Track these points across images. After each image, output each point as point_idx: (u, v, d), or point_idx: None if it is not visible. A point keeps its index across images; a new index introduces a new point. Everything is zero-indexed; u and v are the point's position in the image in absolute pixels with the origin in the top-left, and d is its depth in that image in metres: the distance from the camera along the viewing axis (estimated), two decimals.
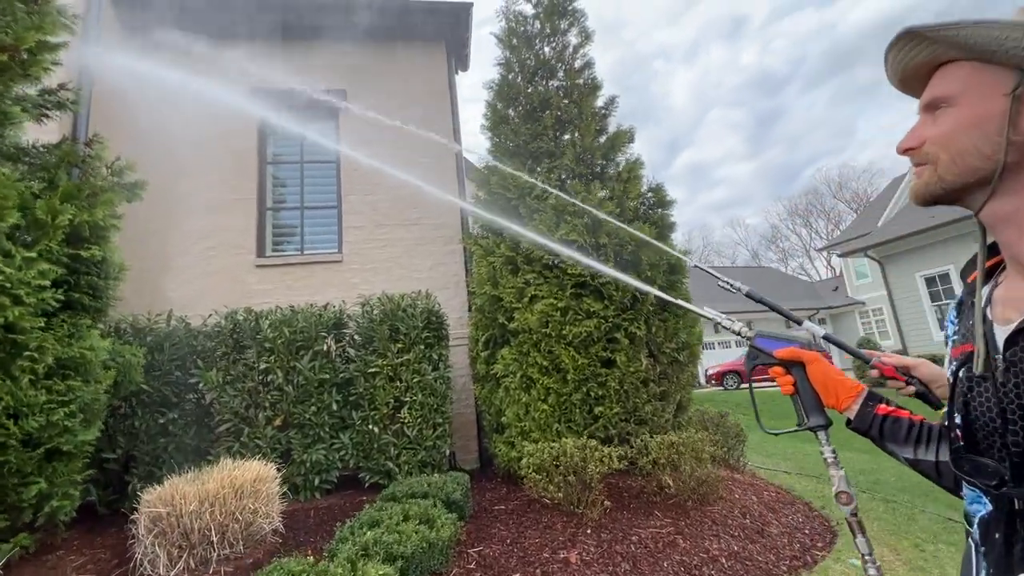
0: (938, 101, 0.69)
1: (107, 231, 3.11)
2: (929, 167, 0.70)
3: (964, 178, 0.67)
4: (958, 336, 0.81)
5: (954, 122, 0.67)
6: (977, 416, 0.71)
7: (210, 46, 6.18)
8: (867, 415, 0.95)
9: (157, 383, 4.17)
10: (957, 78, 0.67)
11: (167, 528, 2.78)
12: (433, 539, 2.68)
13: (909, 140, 0.73)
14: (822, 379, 0.99)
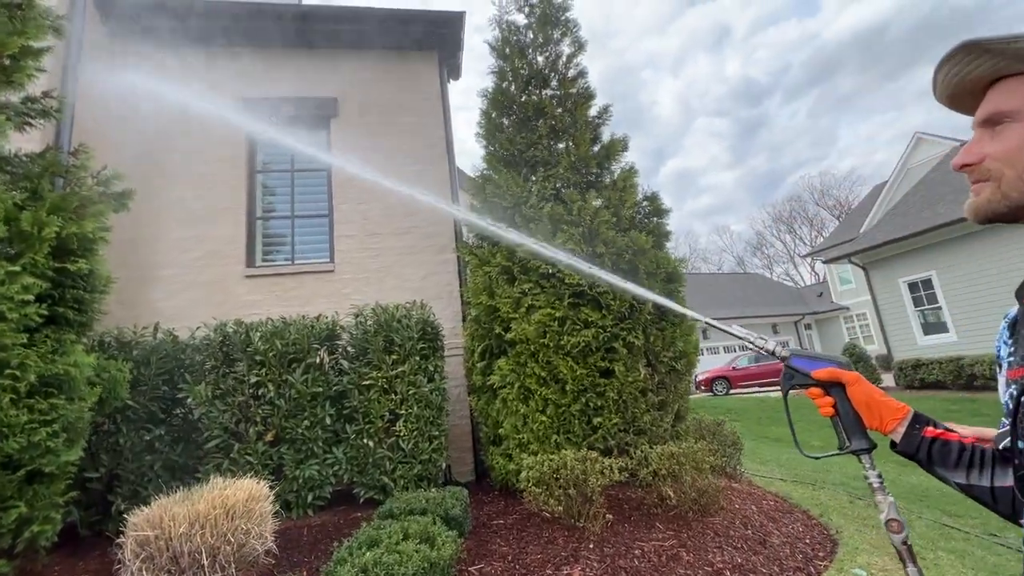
0: (1000, 116, 0.67)
1: (95, 243, 3.00)
2: (991, 184, 0.68)
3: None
4: (1015, 358, 0.78)
5: (1020, 138, 0.65)
6: None
7: (198, 53, 6.10)
8: (914, 438, 0.92)
9: (143, 398, 4.04)
10: (1021, 93, 0.65)
11: (155, 552, 2.67)
12: (435, 559, 2.60)
13: (967, 156, 0.71)
14: (865, 400, 0.96)
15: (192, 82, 5.96)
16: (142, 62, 5.91)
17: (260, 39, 6.23)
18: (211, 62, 6.14)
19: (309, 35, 6.33)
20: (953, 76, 0.71)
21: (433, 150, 6.48)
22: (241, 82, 6.16)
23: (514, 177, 4.85)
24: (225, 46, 6.18)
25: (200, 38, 6.07)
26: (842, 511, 4.53)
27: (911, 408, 0.95)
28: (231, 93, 6.07)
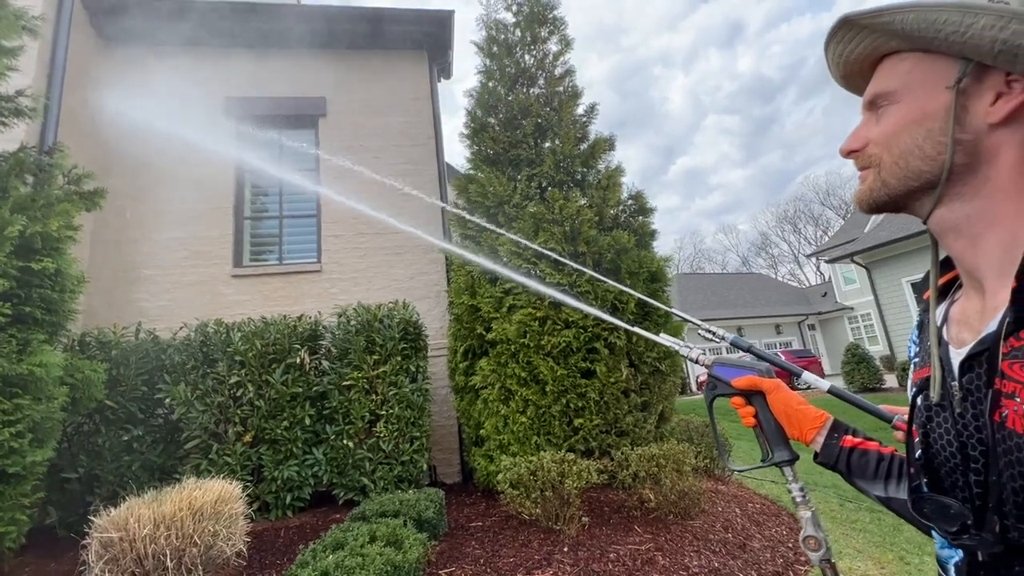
0: (880, 98, 0.62)
1: (62, 243, 2.99)
2: (873, 170, 0.63)
3: (909, 182, 0.60)
4: (918, 359, 0.73)
5: (896, 120, 0.60)
6: (937, 450, 0.63)
7: (186, 53, 6.10)
8: (832, 448, 0.86)
9: (123, 399, 4.03)
10: (899, 72, 0.60)
11: (119, 554, 2.64)
12: (399, 562, 2.56)
13: (851, 142, 0.66)
14: (783, 409, 0.89)
15: (179, 82, 5.95)
16: (130, 64, 5.92)
17: (247, 38, 6.22)
18: (198, 61, 6.15)
19: (297, 34, 6.31)
20: (839, 56, 0.66)
21: (422, 149, 6.45)
22: (228, 81, 6.16)
23: (498, 176, 4.81)
24: (213, 45, 6.19)
25: (188, 37, 6.07)
26: (830, 515, 4.45)
27: (830, 416, 0.89)
28: (218, 92, 6.07)
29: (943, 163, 0.56)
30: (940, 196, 0.58)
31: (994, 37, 0.50)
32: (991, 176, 0.55)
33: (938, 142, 0.56)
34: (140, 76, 5.91)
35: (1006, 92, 0.53)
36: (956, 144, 0.55)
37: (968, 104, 0.55)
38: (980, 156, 0.55)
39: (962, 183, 0.56)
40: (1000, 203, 0.55)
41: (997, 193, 0.55)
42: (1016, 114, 0.53)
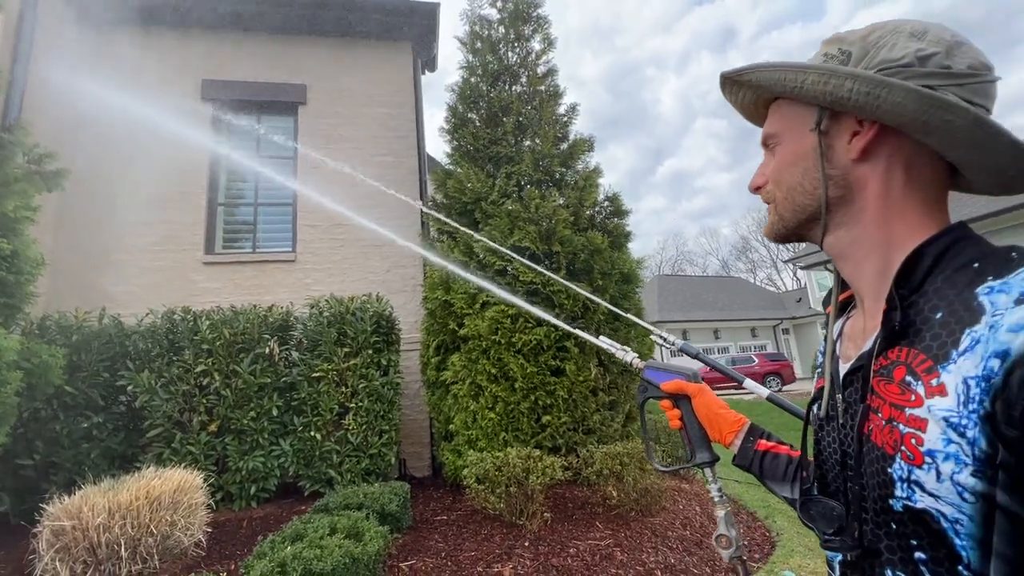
0: (768, 139, 0.68)
1: (19, 223, 2.91)
2: (772, 206, 0.68)
3: (798, 215, 0.64)
4: (820, 370, 0.78)
5: (781, 159, 0.65)
6: (826, 457, 0.67)
7: (162, 32, 5.96)
8: (747, 451, 0.91)
9: (83, 385, 3.94)
10: (779, 115, 0.66)
11: (71, 543, 2.60)
12: (358, 554, 2.57)
13: (755, 179, 0.71)
14: (705, 412, 0.94)
15: (153, 61, 5.81)
16: (103, 42, 5.75)
17: (227, 19, 6.09)
18: (174, 41, 6.00)
19: (279, 17, 6.20)
20: (735, 103, 0.73)
21: (403, 141, 6.41)
22: (205, 63, 6.03)
23: (477, 173, 4.82)
24: (190, 25, 6.04)
25: (164, 16, 5.93)
26: (788, 514, 4.58)
27: (748, 420, 0.94)
28: (194, 73, 5.94)
29: (819, 196, 0.61)
30: (826, 226, 0.62)
31: (822, 90, 0.56)
32: (864, 207, 0.59)
33: (813, 178, 0.61)
34: (113, 53, 5.74)
35: (860, 131, 0.58)
36: (827, 179, 0.60)
37: (832, 143, 0.60)
38: (852, 189, 0.59)
39: (841, 213, 0.61)
40: (873, 231, 0.59)
41: (870, 222, 0.59)
42: (872, 149, 0.57)
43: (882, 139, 0.57)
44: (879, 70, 0.54)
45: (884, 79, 0.53)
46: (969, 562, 0.44)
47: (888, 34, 0.56)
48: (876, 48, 0.56)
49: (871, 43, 0.57)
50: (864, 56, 0.56)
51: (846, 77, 0.54)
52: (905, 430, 0.50)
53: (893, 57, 0.54)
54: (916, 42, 0.55)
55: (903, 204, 0.58)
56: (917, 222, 0.57)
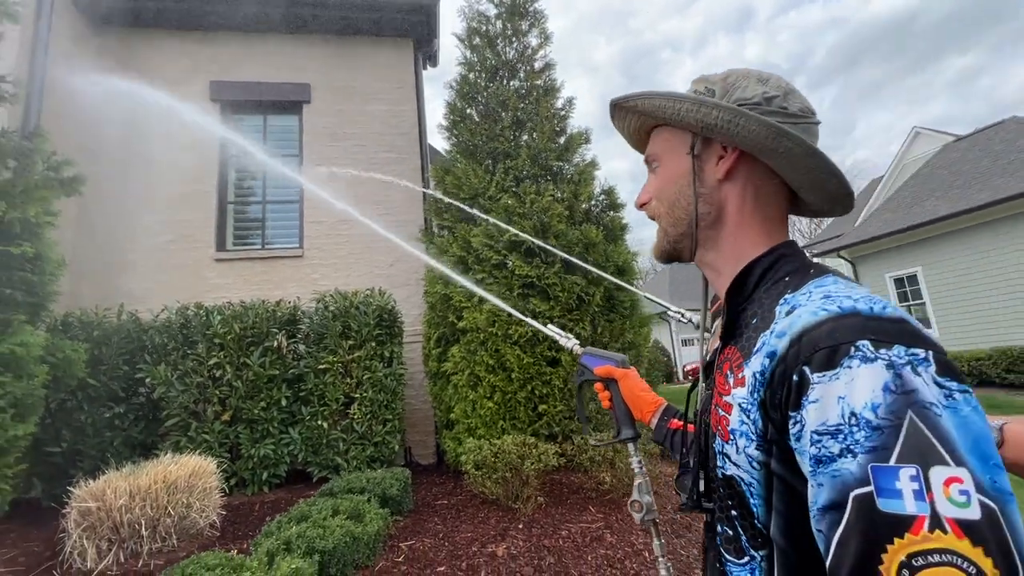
0: (651, 159, 0.77)
1: (41, 228, 3.11)
2: (657, 222, 0.77)
3: (678, 228, 0.73)
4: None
5: (662, 178, 0.74)
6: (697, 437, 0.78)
7: (171, 35, 6.13)
8: (661, 429, 1.03)
9: (105, 377, 4.18)
10: (660, 139, 0.75)
11: (96, 522, 2.83)
12: (358, 533, 2.75)
13: (641, 195, 0.79)
14: (629, 394, 1.06)
15: (163, 64, 6.00)
16: (116, 46, 5.95)
17: (233, 21, 6.24)
18: (183, 44, 6.18)
19: (283, 18, 6.34)
20: (622, 130, 0.82)
21: (406, 138, 6.53)
22: (213, 65, 6.20)
23: (475, 169, 4.93)
24: (198, 28, 6.21)
25: (173, 20, 6.10)
26: None
27: (664, 401, 1.06)
28: (202, 75, 6.12)
29: (692, 213, 0.70)
30: (697, 240, 0.71)
31: (695, 118, 0.66)
32: (726, 222, 0.69)
33: (688, 195, 0.70)
34: (125, 58, 5.94)
35: (724, 155, 0.68)
36: (698, 196, 0.69)
37: (704, 165, 0.69)
38: (718, 206, 0.69)
39: (709, 228, 0.70)
40: (731, 245, 0.69)
41: (729, 237, 0.69)
42: (733, 171, 0.68)
43: (741, 163, 0.67)
44: (737, 105, 0.64)
45: (742, 110, 0.63)
46: (758, 516, 0.56)
47: (741, 78, 0.67)
48: (733, 88, 0.66)
49: (729, 84, 0.67)
50: (725, 94, 0.67)
51: (713, 107, 0.64)
52: (721, 413, 0.61)
53: (746, 96, 0.65)
54: (762, 86, 0.66)
55: (751, 221, 0.68)
56: (758, 238, 0.67)
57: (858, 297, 0.52)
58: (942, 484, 0.40)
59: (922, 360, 0.45)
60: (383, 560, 2.93)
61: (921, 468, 0.41)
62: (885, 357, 0.45)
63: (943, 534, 0.39)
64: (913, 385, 0.44)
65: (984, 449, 0.42)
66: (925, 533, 0.40)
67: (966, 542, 0.39)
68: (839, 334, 0.48)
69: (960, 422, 0.43)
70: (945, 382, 0.44)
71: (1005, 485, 0.42)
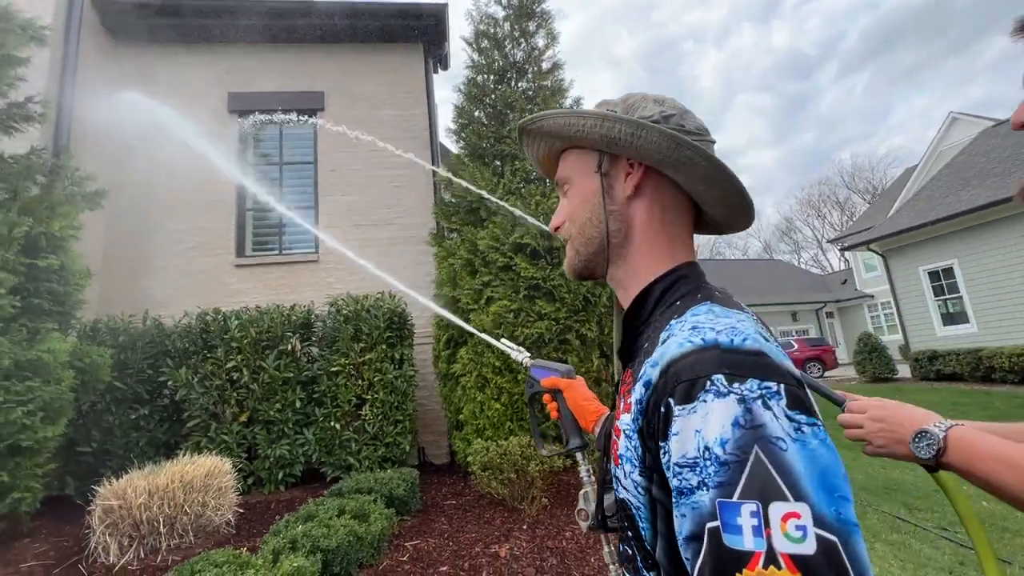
0: (562, 182, 0.77)
1: (65, 241, 3.29)
2: (569, 243, 0.76)
3: (590, 247, 0.72)
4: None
5: (573, 200, 0.74)
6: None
7: (190, 51, 6.36)
8: (602, 437, 1.05)
9: (130, 380, 4.38)
10: (569, 163, 0.75)
11: (118, 519, 2.98)
12: (362, 533, 2.83)
13: (554, 220, 0.79)
14: (574, 404, 1.07)
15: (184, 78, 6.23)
16: (139, 62, 6.21)
17: (249, 34, 6.44)
18: (202, 58, 6.40)
19: (296, 29, 6.50)
20: (532, 157, 0.82)
21: (416, 141, 6.61)
22: (231, 77, 6.41)
23: (482, 171, 4.97)
24: (216, 42, 6.43)
25: (192, 35, 6.33)
26: None
27: (607, 410, 1.06)
28: (221, 87, 6.33)
29: (603, 230, 0.70)
30: (608, 257, 0.71)
31: (600, 133, 0.67)
32: (634, 239, 0.69)
33: (599, 214, 0.70)
34: (148, 73, 6.20)
35: (631, 172, 0.68)
36: (609, 213, 0.69)
37: (612, 183, 0.70)
38: (628, 223, 0.69)
39: (619, 246, 0.70)
40: (637, 261, 0.69)
41: (636, 253, 0.69)
42: (641, 187, 0.68)
43: (648, 179, 0.68)
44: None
45: (643, 123, 0.64)
46: (647, 539, 0.57)
47: (639, 100, 0.69)
48: (633, 108, 0.68)
49: (629, 105, 0.69)
50: (626, 113, 0.68)
51: (616, 121, 0.65)
52: (614, 437, 0.62)
53: (646, 115, 0.66)
54: (659, 106, 0.67)
55: (657, 237, 0.68)
56: (663, 255, 0.68)
57: (721, 329, 0.52)
58: (780, 520, 0.41)
59: (774, 393, 0.46)
60: (387, 559, 3.00)
61: (761, 504, 0.42)
62: (737, 391, 0.46)
63: (777, 569, 0.40)
64: (762, 420, 0.45)
65: (830, 482, 0.43)
66: (760, 569, 0.41)
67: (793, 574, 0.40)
68: (698, 367, 0.49)
69: (808, 455, 0.44)
70: (795, 415, 0.45)
71: (850, 517, 0.43)
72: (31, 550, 3.14)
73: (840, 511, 0.42)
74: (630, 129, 0.64)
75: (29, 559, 3.01)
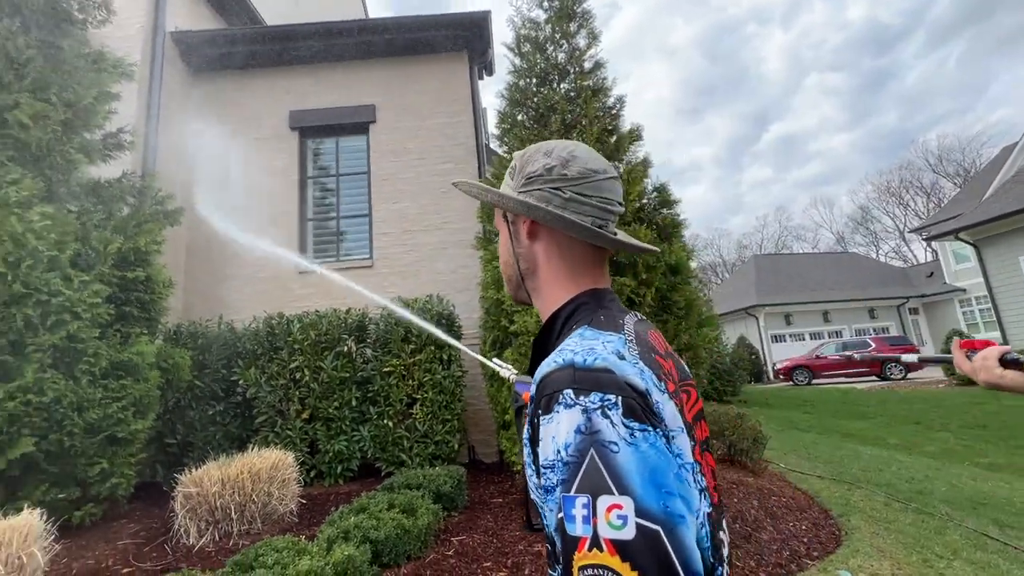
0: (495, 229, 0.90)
1: (150, 255, 3.69)
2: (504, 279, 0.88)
3: (511, 283, 0.85)
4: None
5: (500, 244, 0.86)
6: None
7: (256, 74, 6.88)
8: None
9: (208, 379, 4.82)
10: (495, 213, 0.87)
11: (196, 505, 3.30)
12: (409, 526, 2.97)
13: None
14: None
15: (251, 100, 6.76)
16: (212, 88, 6.80)
17: (307, 55, 6.87)
18: (266, 80, 6.91)
19: (348, 48, 6.87)
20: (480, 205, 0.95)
21: (463, 148, 6.79)
22: (290, 97, 6.87)
23: None
24: (278, 65, 6.92)
25: (257, 61, 6.85)
26: (868, 513, 4.29)
27: None
28: (283, 106, 6.81)
29: (515, 268, 0.81)
30: (527, 291, 0.82)
31: (488, 200, 0.81)
32: (540, 274, 0.79)
33: (511, 255, 0.82)
34: (219, 98, 6.78)
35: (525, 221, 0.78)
36: (517, 255, 0.80)
37: (518, 231, 0.80)
38: (533, 261, 0.79)
39: (531, 280, 0.80)
40: (547, 292, 0.78)
41: (544, 286, 0.78)
42: (535, 232, 0.77)
43: (538, 226, 0.77)
44: (527, 178, 0.76)
45: (501, 194, 0.77)
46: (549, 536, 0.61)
47: (533, 152, 0.79)
48: (526, 163, 0.78)
49: (526, 159, 0.79)
50: (521, 169, 0.78)
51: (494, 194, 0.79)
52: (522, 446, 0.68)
53: (534, 170, 0.76)
54: (545, 158, 0.76)
55: (558, 271, 0.77)
56: (567, 284, 0.76)
57: (579, 351, 0.59)
58: (604, 510, 0.48)
59: (613, 404, 0.53)
60: (434, 553, 3.13)
61: (591, 497, 0.49)
62: (582, 403, 0.54)
63: (599, 552, 0.47)
64: (598, 427, 0.52)
65: (659, 480, 0.50)
66: (586, 552, 0.48)
67: (616, 559, 0.47)
68: (555, 383, 0.57)
69: (637, 457, 0.51)
70: (629, 423, 0.52)
71: (676, 510, 0.50)
72: (126, 529, 3.55)
73: (667, 504, 0.49)
74: (512, 204, 0.76)
75: (124, 537, 3.41)
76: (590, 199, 0.73)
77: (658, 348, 0.68)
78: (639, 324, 0.71)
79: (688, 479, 0.55)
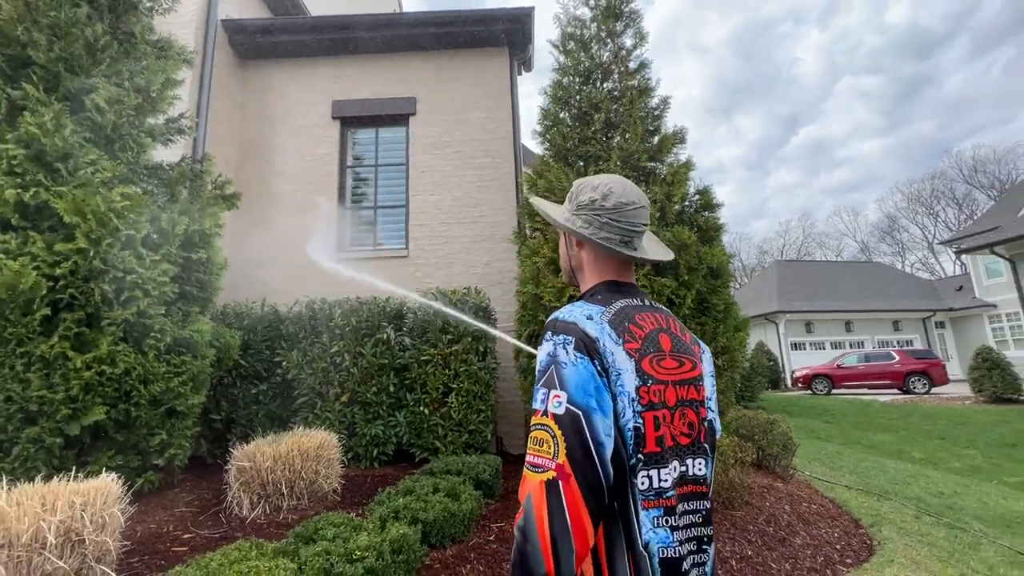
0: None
1: (211, 237, 3.83)
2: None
3: (566, 274, 1.23)
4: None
5: (559, 246, 1.24)
6: None
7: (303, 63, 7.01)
8: None
9: (252, 359, 4.99)
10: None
11: (249, 479, 3.45)
12: (455, 510, 3.07)
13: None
14: None
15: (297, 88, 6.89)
16: (257, 77, 6.95)
17: (353, 47, 6.98)
18: (312, 69, 7.04)
19: (393, 40, 6.96)
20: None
21: (501, 142, 6.85)
22: (336, 87, 7.00)
23: (567, 173, 5.07)
24: (324, 54, 7.05)
25: (305, 50, 6.98)
26: (899, 524, 4.29)
27: None
28: (328, 95, 6.94)
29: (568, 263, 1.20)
30: (577, 280, 1.19)
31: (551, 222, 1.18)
32: (583, 270, 1.14)
33: (567, 256, 1.19)
34: (266, 85, 6.93)
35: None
36: (570, 256, 1.18)
37: (571, 241, 1.17)
38: (579, 261, 1.15)
39: (578, 272, 1.17)
40: (584, 282, 1.14)
41: (584, 277, 1.14)
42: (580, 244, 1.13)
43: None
44: (578, 206, 1.09)
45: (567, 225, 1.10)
46: None
47: (585, 185, 1.11)
48: (578, 193, 1.12)
49: (579, 190, 1.12)
50: (576, 197, 1.12)
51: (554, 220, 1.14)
52: None
53: (582, 200, 1.09)
54: (592, 192, 1.08)
55: (593, 270, 1.12)
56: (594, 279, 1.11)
57: (564, 311, 0.98)
58: (552, 397, 0.87)
59: (568, 341, 0.91)
60: (476, 537, 3.23)
61: (548, 389, 0.88)
62: (552, 340, 0.93)
63: (545, 417, 0.86)
64: (558, 354, 0.90)
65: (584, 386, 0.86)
66: (541, 417, 0.87)
67: (552, 422, 0.84)
68: (547, 327, 0.97)
69: (574, 371, 0.87)
70: (575, 353, 0.89)
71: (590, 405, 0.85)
72: (181, 498, 3.72)
73: (587, 401, 0.85)
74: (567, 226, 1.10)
75: (180, 505, 3.58)
76: (619, 223, 1.05)
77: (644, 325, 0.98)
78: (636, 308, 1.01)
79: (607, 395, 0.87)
